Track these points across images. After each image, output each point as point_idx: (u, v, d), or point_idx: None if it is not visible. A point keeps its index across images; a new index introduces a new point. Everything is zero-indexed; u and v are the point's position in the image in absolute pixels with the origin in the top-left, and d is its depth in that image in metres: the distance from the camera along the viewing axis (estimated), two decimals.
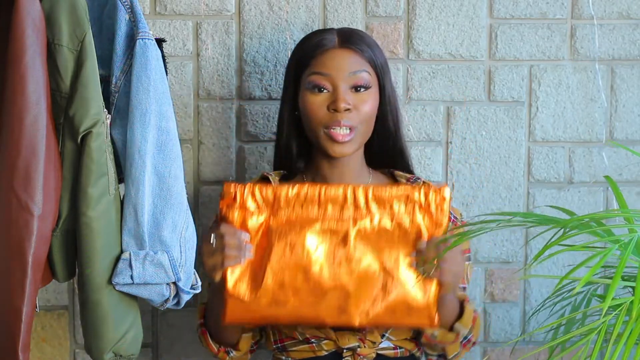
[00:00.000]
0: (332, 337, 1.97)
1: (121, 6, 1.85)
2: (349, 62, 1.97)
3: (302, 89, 2.00)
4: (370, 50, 2.00)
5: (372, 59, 2.00)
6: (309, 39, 2.04)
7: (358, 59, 1.98)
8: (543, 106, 2.37)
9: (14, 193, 1.70)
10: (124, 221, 1.86)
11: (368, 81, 1.98)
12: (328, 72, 1.96)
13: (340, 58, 1.97)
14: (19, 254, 1.71)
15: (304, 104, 1.99)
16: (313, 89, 1.97)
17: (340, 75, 1.96)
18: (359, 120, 1.96)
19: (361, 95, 1.97)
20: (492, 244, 2.38)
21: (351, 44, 1.99)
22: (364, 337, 1.96)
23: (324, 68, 1.97)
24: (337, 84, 1.96)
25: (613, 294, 1.33)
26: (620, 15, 2.36)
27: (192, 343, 2.34)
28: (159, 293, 1.89)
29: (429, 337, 1.96)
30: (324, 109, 1.96)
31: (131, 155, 1.84)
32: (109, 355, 1.88)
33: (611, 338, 1.39)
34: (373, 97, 1.99)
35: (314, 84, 1.97)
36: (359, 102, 1.96)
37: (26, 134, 1.70)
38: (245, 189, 1.90)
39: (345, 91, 1.96)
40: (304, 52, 2.02)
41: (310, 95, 1.98)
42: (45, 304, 2.32)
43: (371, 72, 1.99)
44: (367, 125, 1.99)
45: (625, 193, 2.39)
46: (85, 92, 1.78)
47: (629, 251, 1.40)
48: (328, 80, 1.96)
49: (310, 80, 1.98)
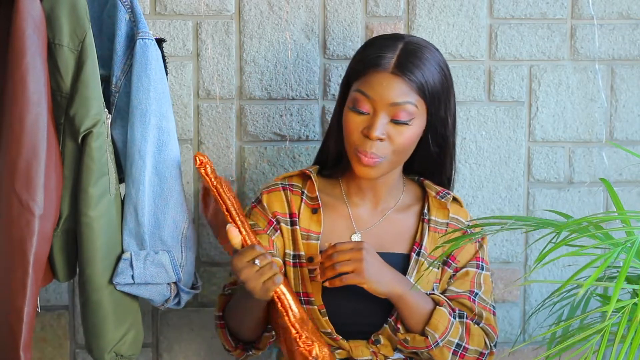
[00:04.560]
0: (345, 348, 1.96)
1: (121, 6, 1.85)
2: (395, 91, 1.89)
3: (348, 100, 1.95)
4: (424, 78, 1.90)
5: (424, 89, 1.90)
6: (372, 46, 1.96)
7: (406, 88, 1.89)
8: (543, 106, 2.37)
9: (15, 193, 1.70)
10: (125, 221, 1.86)
11: (411, 113, 1.90)
12: (372, 96, 1.89)
13: (388, 85, 1.89)
14: (20, 253, 1.71)
15: (344, 118, 1.94)
16: (354, 107, 1.92)
17: (383, 102, 1.88)
18: (390, 151, 1.91)
19: (399, 128, 1.90)
20: (492, 244, 2.38)
21: (405, 70, 1.89)
22: (377, 351, 1.95)
23: (370, 90, 1.89)
24: (377, 111, 1.89)
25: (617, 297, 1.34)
26: (620, 15, 2.36)
27: (192, 343, 2.35)
28: (160, 293, 1.89)
29: (402, 343, 1.94)
30: (359, 132, 1.91)
31: (131, 155, 1.85)
32: (110, 355, 1.88)
33: (615, 340, 1.39)
34: (412, 130, 1.92)
35: (356, 103, 1.91)
36: (395, 134, 1.90)
37: (27, 134, 1.70)
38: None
39: (384, 120, 1.89)
40: (360, 62, 1.95)
41: (350, 112, 1.92)
42: (45, 304, 2.31)
43: (419, 102, 1.91)
44: (399, 154, 1.94)
45: (626, 193, 2.39)
46: (86, 92, 1.78)
47: (632, 254, 1.40)
48: (370, 103, 1.90)
49: (353, 97, 1.92)
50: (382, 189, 2.01)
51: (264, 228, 1.99)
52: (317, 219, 1.99)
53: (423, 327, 1.91)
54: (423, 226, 2.01)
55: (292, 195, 2.01)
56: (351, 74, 1.97)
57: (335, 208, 2.02)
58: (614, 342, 1.43)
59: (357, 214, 2.02)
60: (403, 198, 2.05)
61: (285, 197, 2.01)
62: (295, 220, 1.99)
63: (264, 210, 2.01)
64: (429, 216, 2.01)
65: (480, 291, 2.00)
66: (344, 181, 2.05)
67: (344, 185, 2.04)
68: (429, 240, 1.99)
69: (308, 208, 2.01)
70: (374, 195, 2.02)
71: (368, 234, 2.00)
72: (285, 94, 2.31)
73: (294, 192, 2.02)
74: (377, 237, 1.99)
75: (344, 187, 2.04)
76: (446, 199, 2.02)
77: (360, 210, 2.02)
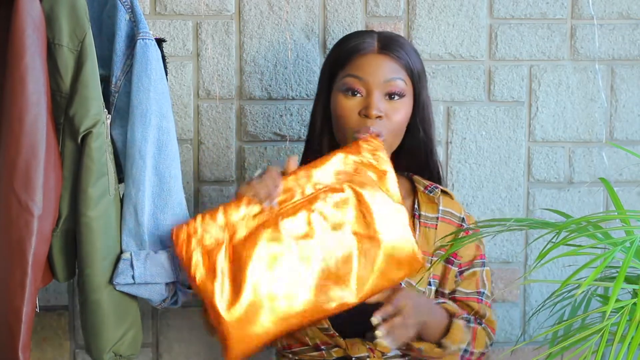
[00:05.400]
0: (342, 345, 1.96)
1: (121, 6, 1.85)
2: (385, 69, 1.94)
3: (336, 89, 1.97)
4: (408, 57, 1.97)
5: (410, 67, 1.96)
6: (349, 39, 2.01)
7: (395, 66, 1.95)
8: (543, 106, 2.37)
9: (14, 193, 1.70)
10: (124, 221, 1.86)
11: (403, 89, 1.95)
12: (363, 77, 1.93)
13: (377, 64, 1.94)
14: (19, 253, 1.71)
15: (335, 105, 1.96)
16: (347, 91, 1.94)
17: (376, 80, 1.93)
18: (389, 129, 1.94)
19: (394, 103, 1.94)
20: (492, 244, 2.38)
21: (390, 50, 1.95)
22: (374, 347, 1.95)
23: (360, 72, 1.94)
24: (371, 90, 1.93)
25: (615, 297, 1.33)
26: (620, 15, 2.36)
27: (192, 343, 2.35)
28: (159, 292, 1.89)
29: (416, 351, 1.94)
30: (356, 114, 1.93)
31: (131, 155, 1.85)
32: (109, 355, 1.88)
33: (614, 340, 1.39)
34: (406, 106, 1.96)
35: (348, 86, 1.94)
36: (391, 110, 1.94)
37: (26, 134, 1.70)
38: (196, 225, 1.80)
39: (379, 98, 1.93)
40: (342, 52, 1.99)
41: (343, 97, 1.95)
42: (45, 304, 2.31)
43: (407, 80, 1.96)
44: (395, 136, 1.97)
45: (626, 193, 2.39)
46: (86, 92, 1.78)
47: (631, 254, 1.40)
48: (363, 84, 1.93)
49: (344, 82, 1.95)
50: None
51: None
52: None
53: (439, 339, 1.91)
54: (414, 222, 2.01)
55: None
56: (334, 66, 1.99)
57: None
58: (614, 342, 1.43)
59: None
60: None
61: None
62: None
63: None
64: (419, 212, 2.03)
65: (485, 290, 2.02)
66: None
67: None
68: (421, 236, 2.00)
69: None
70: None
71: None
72: (285, 94, 2.31)
73: None
74: None
75: None
76: (434, 193, 2.03)
77: None
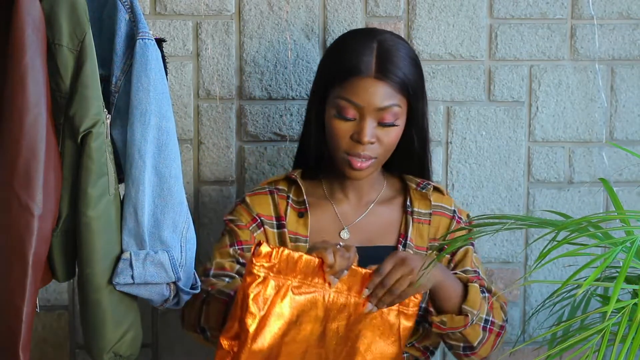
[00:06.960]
0: None
1: (121, 6, 1.84)
2: (380, 96, 1.93)
3: (330, 106, 1.97)
4: (405, 76, 1.94)
5: (406, 85, 1.94)
6: (347, 52, 1.97)
7: (391, 91, 1.93)
8: (543, 106, 2.37)
9: (14, 193, 1.70)
10: (124, 221, 1.86)
11: (396, 115, 1.94)
12: (358, 103, 1.92)
13: (373, 91, 1.92)
14: (19, 253, 1.71)
15: (328, 124, 1.97)
16: (340, 114, 1.95)
17: (370, 108, 1.92)
18: (380, 152, 1.96)
19: (387, 130, 1.95)
20: (492, 244, 2.38)
21: (387, 73, 1.93)
22: None
23: (355, 97, 1.93)
24: (364, 115, 1.93)
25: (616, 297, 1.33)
26: (620, 15, 2.36)
27: (192, 343, 2.34)
28: (159, 293, 1.89)
29: (438, 325, 1.93)
30: (348, 137, 1.94)
31: (131, 155, 1.84)
32: (109, 355, 1.88)
33: (615, 340, 1.39)
34: (398, 128, 1.97)
35: (342, 111, 1.94)
36: (384, 136, 1.95)
37: (26, 134, 1.70)
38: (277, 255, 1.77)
39: (372, 125, 1.93)
40: (338, 67, 1.97)
41: (336, 120, 1.95)
42: (45, 304, 2.31)
43: (402, 102, 1.95)
44: (387, 154, 1.99)
45: (626, 193, 2.39)
46: (86, 92, 1.77)
47: (631, 254, 1.40)
48: (357, 110, 1.93)
49: (338, 103, 1.94)
50: (364, 183, 2.05)
51: (246, 224, 2.02)
52: (304, 222, 2.02)
53: (459, 306, 1.91)
54: (407, 218, 2.04)
55: (279, 199, 2.04)
56: (329, 78, 1.99)
57: (320, 207, 2.05)
58: (614, 342, 1.43)
59: (342, 210, 2.06)
60: (385, 191, 2.08)
61: (272, 201, 2.04)
62: (283, 224, 2.01)
63: (248, 208, 2.04)
64: (412, 208, 2.05)
65: (479, 270, 2.03)
66: (326, 180, 2.08)
67: (326, 184, 2.07)
68: (414, 232, 2.03)
69: (294, 212, 2.03)
70: (357, 190, 2.06)
71: (355, 228, 2.04)
72: (285, 94, 2.31)
73: (280, 195, 2.04)
74: (364, 230, 2.04)
75: (326, 186, 2.07)
76: (427, 190, 2.05)
77: (345, 206, 2.06)
